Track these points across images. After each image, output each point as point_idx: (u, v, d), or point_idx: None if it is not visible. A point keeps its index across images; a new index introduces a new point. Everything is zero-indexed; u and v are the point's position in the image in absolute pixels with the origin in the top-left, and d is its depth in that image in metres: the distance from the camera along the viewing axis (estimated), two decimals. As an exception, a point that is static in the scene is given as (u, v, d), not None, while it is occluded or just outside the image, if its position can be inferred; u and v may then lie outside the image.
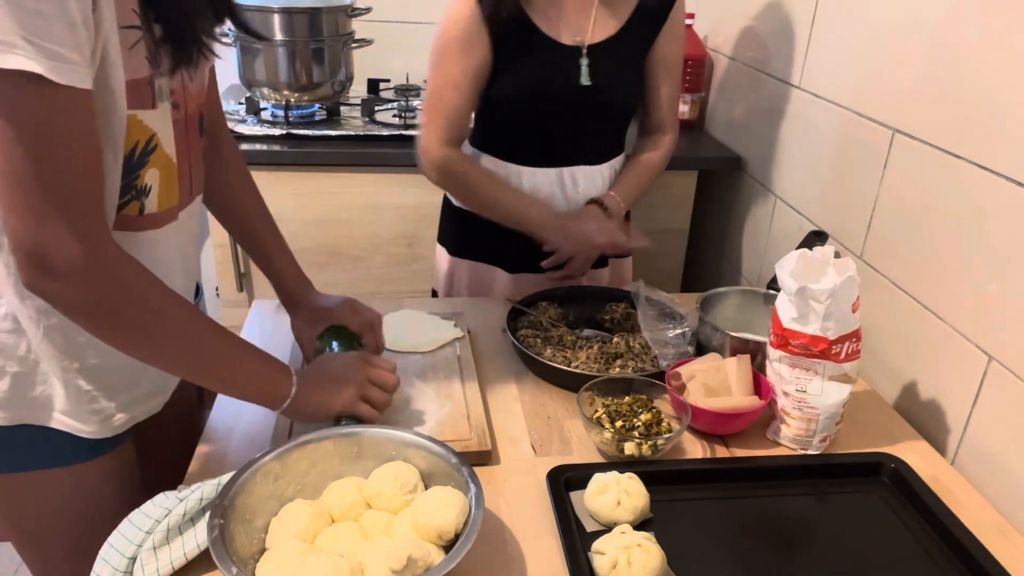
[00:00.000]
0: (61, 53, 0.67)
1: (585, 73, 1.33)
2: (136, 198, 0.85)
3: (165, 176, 0.88)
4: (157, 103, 0.84)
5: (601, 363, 1.18)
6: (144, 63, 0.80)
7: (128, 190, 0.84)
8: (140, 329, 0.81)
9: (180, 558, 0.80)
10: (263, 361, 0.92)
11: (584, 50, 1.33)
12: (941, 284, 1.13)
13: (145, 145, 0.84)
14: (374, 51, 2.03)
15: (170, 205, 0.91)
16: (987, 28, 1.05)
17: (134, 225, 0.86)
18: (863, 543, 0.91)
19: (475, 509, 0.80)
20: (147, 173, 0.85)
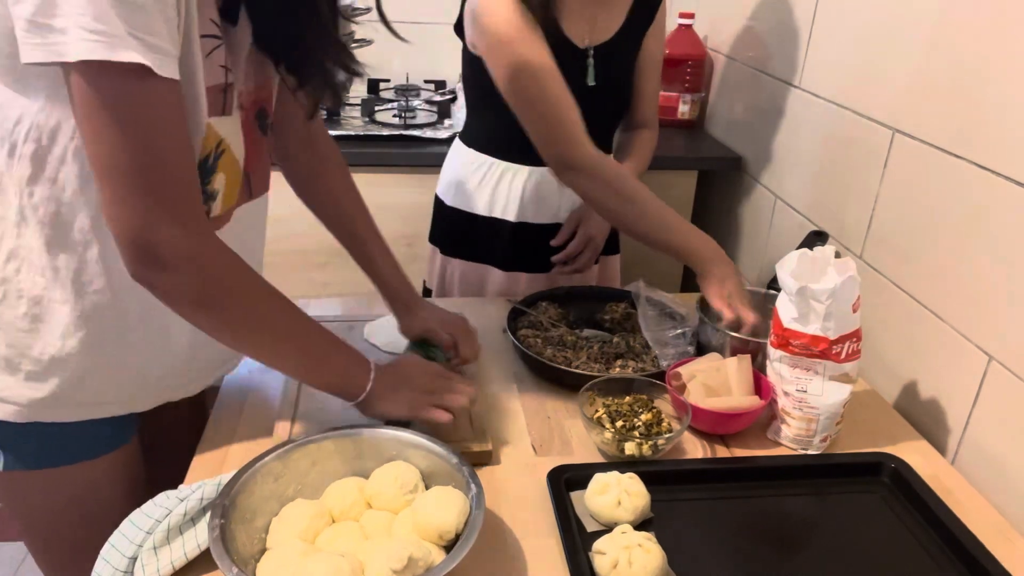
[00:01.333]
0: (161, 46, 0.69)
1: (591, 74, 1.34)
2: (205, 202, 0.86)
3: (231, 180, 0.90)
4: (232, 110, 0.86)
5: (601, 363, 1.18)
6: (220, 71, 0.83)
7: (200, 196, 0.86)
8: (239, 318, 0.83)
9: (180, 558, 0.80)
10: (346, 354, 0.94)
11: (591, 50, 1.34)
12: (941, 284, 1.13)
13: (215, 150, 0.85)
14: (374, 51, 2.03)
15: (230, 206, 0.92)
16: (987, 28, 1.05)
17: None
18: (863, 543, 0.91)
19: (475, 509, 0.80)
20: (216, 179, 0.87)
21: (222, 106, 0.85)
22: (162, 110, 0.71)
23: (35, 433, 0.90)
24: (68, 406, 0.89)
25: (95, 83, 0.68)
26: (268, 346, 0.88)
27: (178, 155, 0.74)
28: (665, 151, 2.01)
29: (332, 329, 0.92)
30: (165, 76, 0.70)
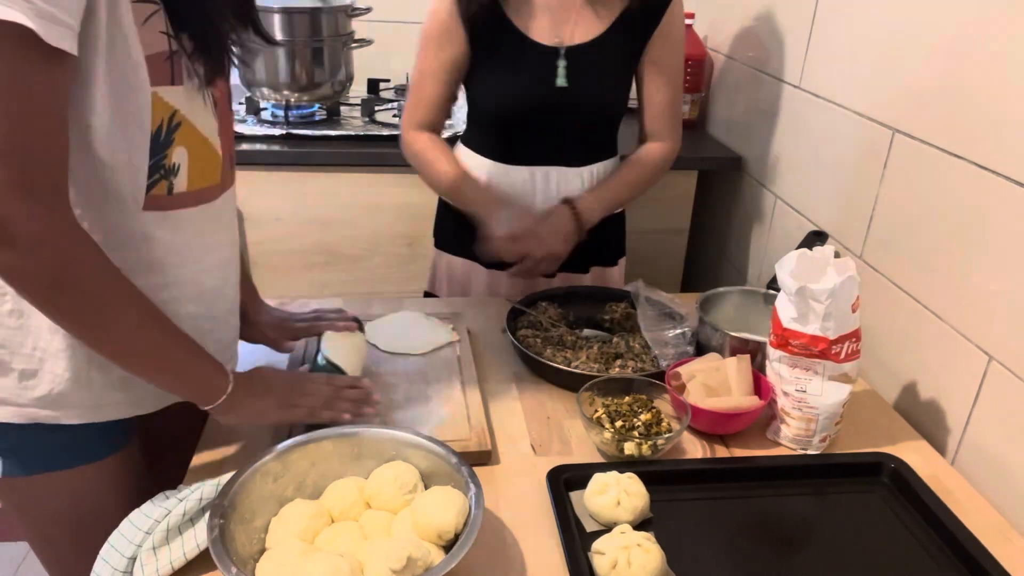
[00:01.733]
0: (53, 12, 0.65)
1: (562, 74, 1.32)
2: (164, 177, 0.84)
3: (197, 155, 0.87)
4: (183, 80, 0.82)
5: (601, 363, 1.18)
6: (161, 38, 0.79)
7: (156, 169, 0.83)
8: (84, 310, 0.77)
9: (180, 558, 0.80)
10: (203, 360, 0.89)
11: (562, 51, 1.32)
12: (941, 284, 1.13)
13: (169, 122, 0.82)
14: (374, 51, 2.03)
15: (207, 184, 0.90)
16: (987, 28, 1.05)
17: (164, 204, 0.85)
18: (863, 543, 0.91)
19: (475, 509, 0.80)
20: (174, 152, 0.84)
21: (169, 76, 0.81)
22: (40, 80, 0.67)
23: (34, 437, 0.89)
24: (65, 407, 0.89)
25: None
26: (113, 343, 0.81)
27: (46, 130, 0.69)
28: (665, 151, 2.02)
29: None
30: (53, 44, 0.66)
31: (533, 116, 1.36)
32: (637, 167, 1.42)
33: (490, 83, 1.36)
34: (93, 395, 0.90)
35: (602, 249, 1.52)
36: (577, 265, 1.50)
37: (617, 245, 1.57)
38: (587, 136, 1.41)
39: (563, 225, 1.32)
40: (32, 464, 0.92)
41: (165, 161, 0.83)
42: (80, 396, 0.89)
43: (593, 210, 1.36)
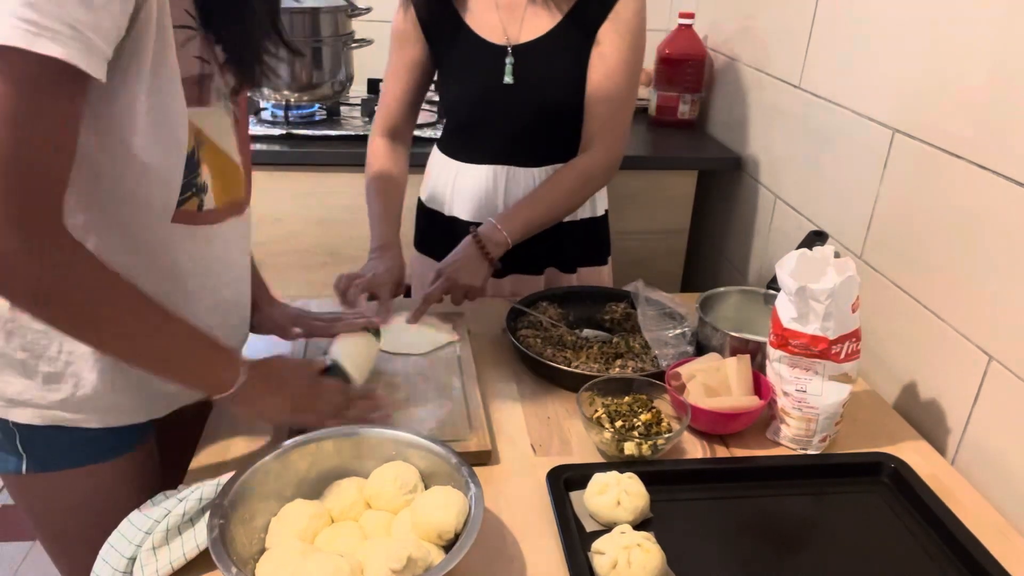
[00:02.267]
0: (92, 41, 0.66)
1: (509, 71, 1.32)
2: (196, 195, 0.87)
3: (220, 172, 0.90)
4: (210, 102, 0.86)
5: (601, 363, 1.18)
6: (195, 62, 0.82)
7: (189, 188, 0.85)
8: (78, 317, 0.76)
9: (180, 558, 0.80)
10: (211, 348, 0.87)
11: (509, 48, 1.31)
12: (941, 284, 1.13)
13: (196, 143, 0.85)
14: (374, 51, 2.03)
15: (232, 199, 0.93)
16: (987, 28, 1.05)
17: (193, 220, 0.88)
18: (863, 543, 0.91)
19: (475, 509, 0.80)
20: (203, 170, 0.87)
21: (197, 97, 0.84)
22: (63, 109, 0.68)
23: (57, 436, 0.90)
24: (86, 411, 0.90)
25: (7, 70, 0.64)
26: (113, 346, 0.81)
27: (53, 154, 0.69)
28: (665, 151, 2.02)
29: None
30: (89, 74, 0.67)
31: (483, 114, 1.37)
32: (554, 185, 1.34)
33: (447, 82, 1.40)
34: (113, 399, 0.91)
35: (586, 249, 1.51)
36: (564, 264, 1.50)
37: (603, 245, 1.55)
38: (539, 135, 1.38)
39: (467, 258, 1.27)
40: (53, 462, 0.93)
41: (197, 180, 0.86)
42: (100, 401, 0.90)
43: (496, 236, 1.28)
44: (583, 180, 1.35)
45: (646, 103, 2.19)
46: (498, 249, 1.28)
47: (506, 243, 1.28)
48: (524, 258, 1.42)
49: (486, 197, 1.42)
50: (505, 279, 1.49)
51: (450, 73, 1.38)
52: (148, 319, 0.82)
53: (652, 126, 2.16)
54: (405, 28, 1.36)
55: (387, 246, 1.31)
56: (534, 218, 1.32)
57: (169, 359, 0.85)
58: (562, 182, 1.34)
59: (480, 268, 1.27)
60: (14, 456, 0.91)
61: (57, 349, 0.86)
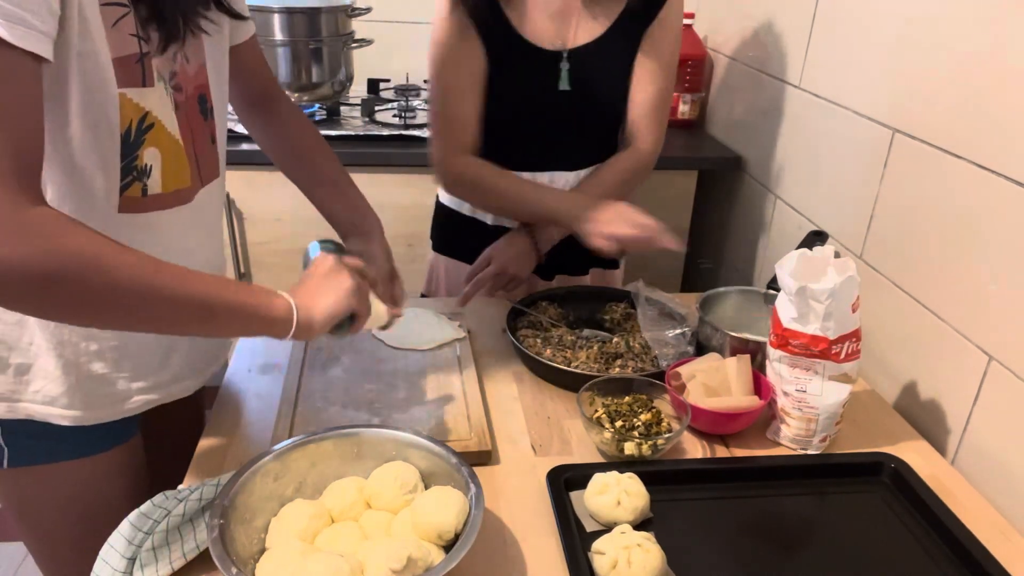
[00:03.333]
0: (23, 16, 0.65)
1: (565, 78, 1.30)
2: (137, 179, 0.85)
3: (169, 156, 0.87)
4: (153, 82, 0.83)
5: (601, 363, 1.18)
6: (132, 40, 0.79)
7: (129, 171, 0.83)
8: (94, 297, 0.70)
9: (180, 559, 0.80)
10: (250, 290, 0.83)
11: (565, 54, 1.29)
12: (941, 284, 1.13)
13: (139, 124, 0.83)
14: (374, 51, 2.03)
15: (180, 186, 0.90)
16: (987, 28, 1.05)
17: (139, 207, 0.86)
18: (863, 543, 0.91)
19: (475, 509, 0.80)
20: (146, 153, 0.84)
21: (141, 77, 0.81)
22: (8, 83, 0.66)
23: (36, 429, 0.90)
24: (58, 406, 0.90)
25: None
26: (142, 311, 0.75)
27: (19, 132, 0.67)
28: (665, 151, 2.01)
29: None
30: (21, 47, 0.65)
31: (536, 121, 1.34)
32: (605, 180, 1.36)
33: (492, 89, 1.33)
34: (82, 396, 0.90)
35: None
36: (576, 267, 1.50)
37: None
38: (590, 138, 1.39)
39: (519, 248, 1.30)
40: (35, 456, 0.92)
41: (137, 163, 0.84)
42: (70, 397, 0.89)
43: (547, 231, 1.31)
44: (632, 174, 1.37)
45: (646, 103, 2.19)
46: (546, 244, 1.32)
47: (553, 239, 1.31)
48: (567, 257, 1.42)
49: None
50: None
51: (498, 81, 1.31)
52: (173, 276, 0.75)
53: (652, 126, 2.16)
54: (462, 39, 1.26)
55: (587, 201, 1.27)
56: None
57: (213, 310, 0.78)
58: (609, 179, 1.36)
59: (529, 259, 1.31)
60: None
61: (28, 340, 0.86)
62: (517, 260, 1.30)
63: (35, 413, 0.90)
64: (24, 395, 0.88)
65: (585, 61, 1.30)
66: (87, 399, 0.91)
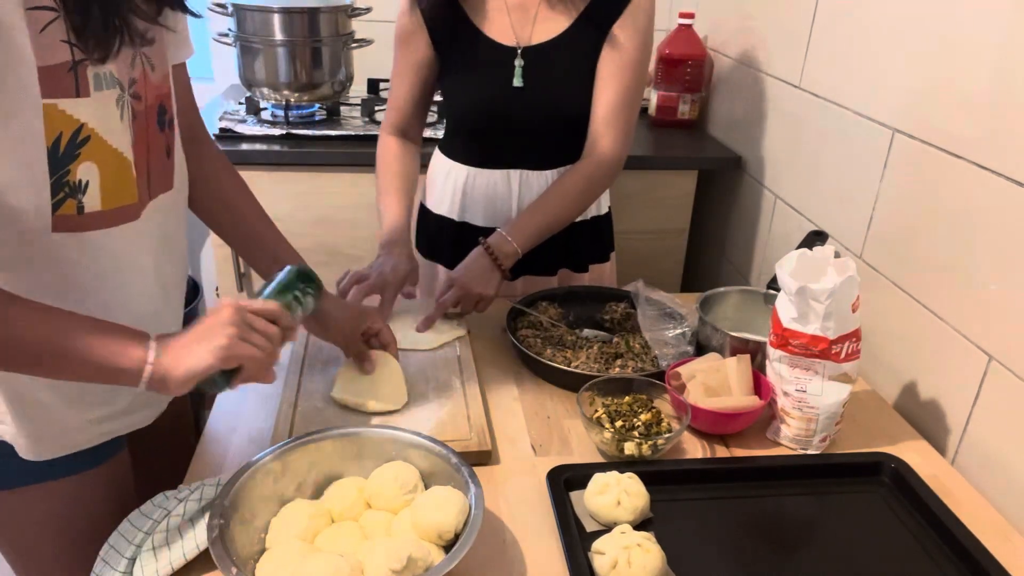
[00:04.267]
0: None
1: (518, 74, 1.30)
2: (71, 195, 0.78)
3: (111, 171, 0.81)
4: (89, 92, 0.76)
5: (601, 363, 1.18)
6: (63, 48, 0.73)
7: (59, 188, 0.77)
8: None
9: (180, 558, 0.80)
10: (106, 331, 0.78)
11: (519, 51, 1.30)
12: (941, 284, 1.13)
13: (72, 137, 0.76)
14: (374, 51, 2.03)
15: (125, 203, 0.84)
16: (987, 28, 1.05)
17: (75, 225, 0.80)
18: (863, 543, 0.91)
19: (475, 509, 0.80)
20: (79, 168, 0.78)
21: (73, 87, 0.75)
22: None
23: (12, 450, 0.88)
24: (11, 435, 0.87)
25: None
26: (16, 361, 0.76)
27: None
28: (665, 151, 2.02)
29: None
30: None
31: (492, 117, 1.35)
32: (561, 190, 1.33)
33: (453, 84, 1.37)
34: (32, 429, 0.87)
35: (593, 247, 1.51)
36: (576, 264, 1.50)
37: (608, 241, 1.55)
38: (551, 138, 1.37)
39: (479, 268, 1.27)
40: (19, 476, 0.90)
41: (68, 178, 0.77)
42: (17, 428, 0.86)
43: (507, 247, 1.27)
44: (589, 183, 1.34)
45: (646, 103, 2.20)
46: (509, 259, 1.28)
47: (516, 253, 1.29)
48: (536, 260, 1.41)
49: (500, 202, 1.41)
50: (517, 281, 1.48)
51: (457, 75, 1.36)
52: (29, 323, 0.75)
53: (652, 126, 2.16)
54: (411, 29, 1.33)
55: (394, 243, 1.30)
56: (543, 225, 1.31)
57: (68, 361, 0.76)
58: (568, 186, 1.33)
59: (492, 278, 1.27)
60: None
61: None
62: (480, 279, 1.26)
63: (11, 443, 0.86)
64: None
65: (540, 59, 1.30)
66: (37, 432, 0.87)
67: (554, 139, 1.37)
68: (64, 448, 0.90)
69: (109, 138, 0.80)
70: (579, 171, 1.34)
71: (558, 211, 1.33)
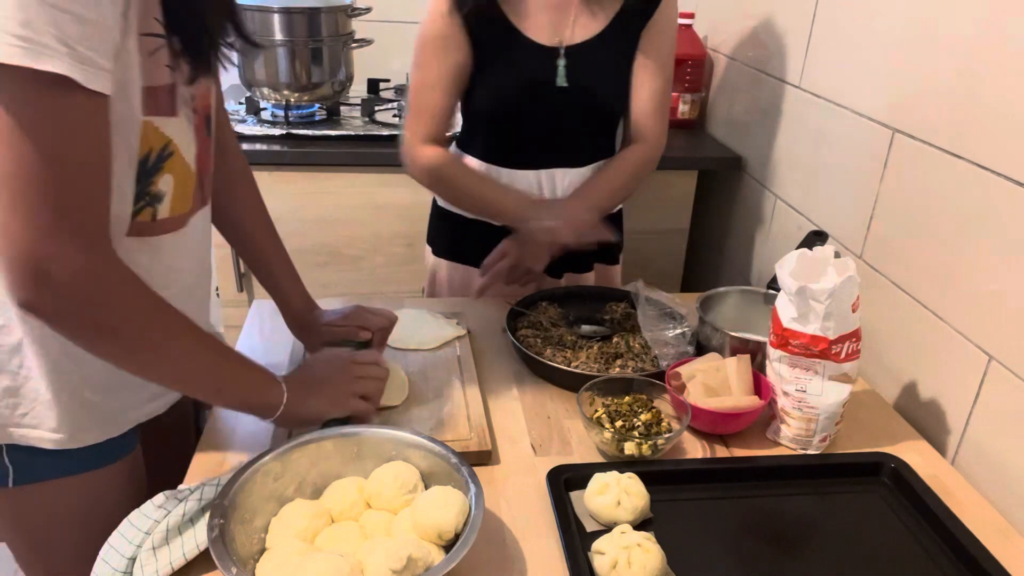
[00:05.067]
0: (92, 57, 0.67)
1: (562, 74, 1.30)
2: (149, 204, 0.85)
3: (180, 182, 0.88)
4: (178, 111, 0.84)
5: (601, 363, 1.18)
6: (165, 71, 0.80)
7: (142, 197, 0.84)
8: (137, 346, 0.79)
9: (180, 558, 0.80)
10: (254, 372, 0.91)
11: (562, 51, 1.30)
12: (941, 284, 1.13)
13: (160, 152, 0.84)
14: (374, 51, 2.03)
15: (182, 211, 0.91)
16: (987, 27, 1.05)
17: (147, 231, 0.86)
18: (863, 543, 0.91)
19: (475, 509, 0.80)
20: (161, 180, 0.85)
21: (170, 107, 0.83)
22: (82, 124, 0.69)
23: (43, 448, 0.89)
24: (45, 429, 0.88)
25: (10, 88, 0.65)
26: (172, 373, 0.85)
27: (89, 172, 0.71)
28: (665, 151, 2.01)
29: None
30: (93, 89, 0.68)
31: (534, 117, 1.34)
32: (613, 176, 1.38)
33: (489, 85, 1.34)
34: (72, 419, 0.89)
35: (604, 247, 1.51)
36: (581, 265, 1.50)
37: (619, 243, 1.56)
38: (588, 135, 1.39)
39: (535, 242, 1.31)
40: (41, 472, 0.91)
41: (151, 188, 0.84)
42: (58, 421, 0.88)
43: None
44: (641, 168, 1.39)
45: (646, 103, 2.19)
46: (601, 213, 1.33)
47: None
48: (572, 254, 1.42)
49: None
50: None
51: (495, 76, 1.32)
52: (198, 346, 0.84)
53: (652, 126, 2.16)
54: (448, 33, 1.27)
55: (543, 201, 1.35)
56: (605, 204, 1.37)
57: (221, 386, 0.88)
58: (623, 171, 1.38)
59: (544, 254, 1.32)
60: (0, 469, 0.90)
61: (18, 364, 0.84)
62: (533, 253, 1.32)
63: (21, 438, 0.88)
64: (10, 419, 0.87)
65: (582, 58, 1.31)
66: (76, 422, 0.89)
67: (589, 136, 1.40)
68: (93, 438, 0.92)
69: (185, 152, 0.88)
70: (629, 158, 1.39)
71: (612, 194, 1.39)
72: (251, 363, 0.91)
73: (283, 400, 0.90)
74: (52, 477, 0.92)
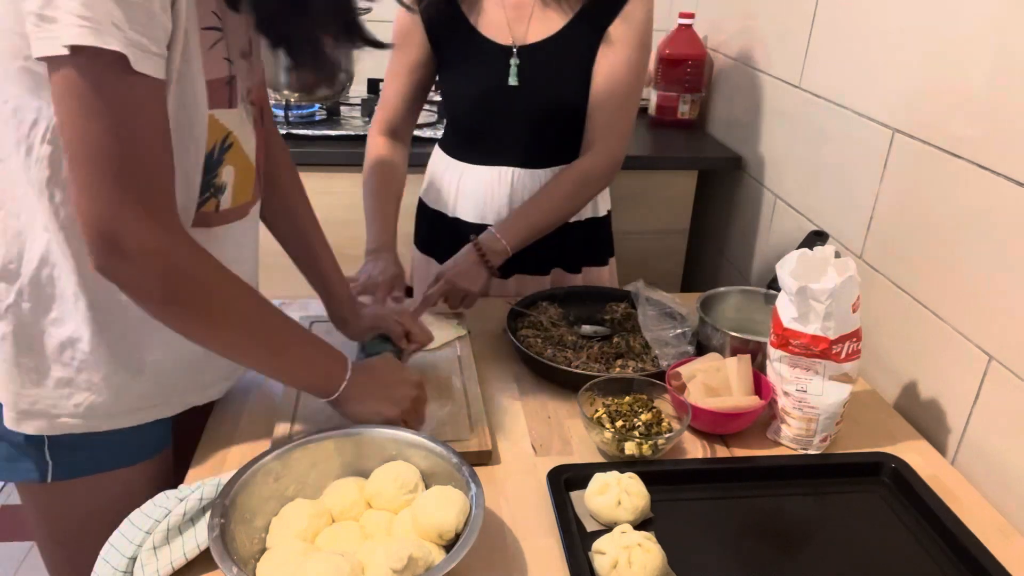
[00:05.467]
0: (141, 42, 0.69)
1: (513, 73, 1.31)
2: (214, 195, 0.88)
3: (241, 173, 0.91)
4: (237, 103, 0.87)
5: (601, 363, 1.18)
6: (223, 64, 0.83)
7: (207, 188, 0.87)
8: (206, 314, 0.82)
9: (180, 558, 0.80)
10: (322, 350, 0.93)
11: (515, 50, 1.30)
12: (941, 284, 1.13)
13: (222, 144, 0.86)
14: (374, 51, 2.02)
15: (244, 201, 0.94)
16: (987, 27, 1.05)
17: (211, 221, 0.89)
18: (863, 543, 0.91)
19: (475, 509, 0.80)
20: (224, 171, 0.88)
21: (228, 99, 0.85)
22: (139, 103, 0.71)
23: (80, 441, 0.90)
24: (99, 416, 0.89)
25: (79, 68, 0.68)
26: (239, 343, 0.87)
27: (153, 149, 0.74)
28: (665, 151, 2.02)
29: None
30: (141, 72, 0.70)
31: (488, 115, 1.36)
32: (553, 190, 1.33)
33: (450, 83, 1.38)
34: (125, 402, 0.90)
35: (588, 249, 1.50)
36: (569, 265, 1.50)
37: (605, 245, 1.55)
38: (546, 137, 1.37)
39: (467, 264, 1.28)
40: (81, 467, 0.92)
41: (216, 180, 0.87)
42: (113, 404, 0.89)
43: (496, 245, 1.28)
44: (582, 183, 1.33)
45: (646, 103, 2.20)
46: (498, 257, 1.29)
47: (506, 252, 1.29)
48: (529, 259, 1.41)
49: (492, 199, 1.41)
50: (510, 279, 1.48)
51: (453, 74, 1.37)
52: (265, 317, 0.87)
53: (652, 126, 2.17)
54: (408, 28, 1.34)
55: (382, 248, 1.31)
56: (534, 225, 1.32)
57: (283, 358, 0.90)
58: (561, 187, 1.33)
59: (479, 275, 1.28)
60: (40, 464, 0.91)
61: (71, 356, 0.86)
62: (467, 275, 1.27)
63: (74, 427, 0.89)
64: (64, 409, 0.87)
65: (536, 58, 1.30)
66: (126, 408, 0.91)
67: (549, 138, 1.37)
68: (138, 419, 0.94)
69: (245, 144, 0.91)
70: (573, 171, 1.33)
71: (550, 211, 1.32)
72: (320, 341, 0.94)
73: (343, 384, 0.92)
74: (88, 473, 0.93)
